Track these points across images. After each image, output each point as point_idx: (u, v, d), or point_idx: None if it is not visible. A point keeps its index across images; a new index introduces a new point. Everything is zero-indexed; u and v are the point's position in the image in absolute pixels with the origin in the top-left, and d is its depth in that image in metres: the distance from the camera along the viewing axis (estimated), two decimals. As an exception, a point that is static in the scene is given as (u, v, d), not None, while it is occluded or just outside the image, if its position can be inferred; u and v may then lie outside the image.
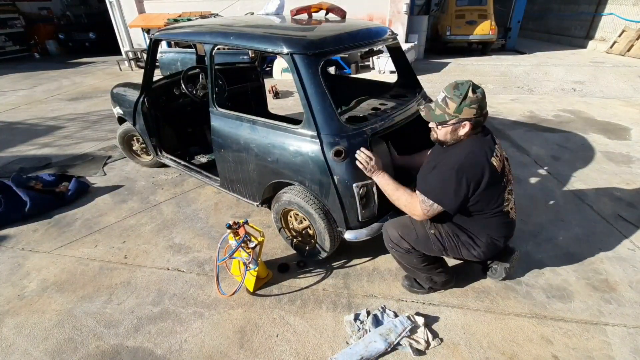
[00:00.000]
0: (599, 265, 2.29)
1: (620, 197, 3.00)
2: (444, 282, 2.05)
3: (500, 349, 1.77)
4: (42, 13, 12.69)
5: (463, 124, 1.60)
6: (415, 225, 1.85)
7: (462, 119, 1.59)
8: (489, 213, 1.72)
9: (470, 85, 1.56)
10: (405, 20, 8.36)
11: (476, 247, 1.80)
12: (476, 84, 1.59)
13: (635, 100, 5.63)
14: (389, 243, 1.94)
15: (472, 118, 1.58)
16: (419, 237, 1.83)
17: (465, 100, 1.55)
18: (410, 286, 2.12)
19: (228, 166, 2.49)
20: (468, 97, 1.55)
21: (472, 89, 1.56)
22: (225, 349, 1.81)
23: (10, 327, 1.96)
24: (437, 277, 2.01)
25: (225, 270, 2.30)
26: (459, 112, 1.57)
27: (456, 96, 1.57)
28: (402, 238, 1.86)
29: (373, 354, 1.71)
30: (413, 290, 2.11)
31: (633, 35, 9.15)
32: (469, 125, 1.60)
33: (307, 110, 1.94)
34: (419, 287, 2.10)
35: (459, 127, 1.62)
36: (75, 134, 4.81)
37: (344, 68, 7.60)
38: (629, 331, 1.84)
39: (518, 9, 10.59)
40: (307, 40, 1.99)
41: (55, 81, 8.10)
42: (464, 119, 1.59)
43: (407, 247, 1.87)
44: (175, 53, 6.16)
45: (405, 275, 2.17)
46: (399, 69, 2.80)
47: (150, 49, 2.83)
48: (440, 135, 1.70)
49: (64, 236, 2.73)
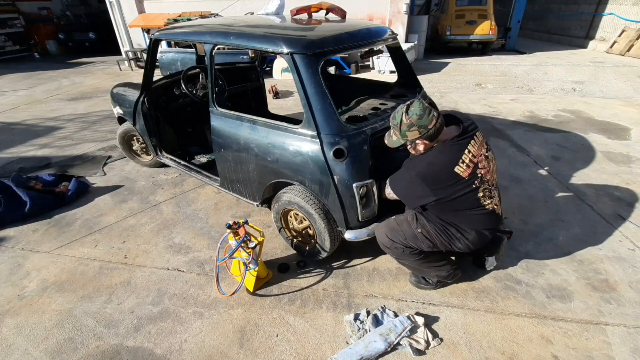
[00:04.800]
0: (599, 265, 2.29)
1: (620, 197, 3.00)
2: (449, 275, 2.05)
3: (500, 348, 1.77)
4: (42, 13, 12.67)
5: (417, 143, 1.71)
6: (402, 227, 1.89)
7: (412, 140, 1.70)
8: (470, 212, 1.78)
9: (402, 112, 1.67)
10: (405, 20, 8.36)
11: (465, 239, 1.83)
12: (411, 104, 1.67)
13: (635, 100, 5.63)
14: (382, 246, 1.99)
15: (420, 137, 1.66)
16: (407, 238, 1.88)
17: (402, 126, 1.67)
18: (418, 282, 2.14)
19: (228, 166, 2.49)
20: (403, 124, 1.66)
21: (404, 114, 1.66)
22: (225, 349, 1.81)
23: (10, 327, 1.96)
24: (441, 271, 2.01)
25: (225, 270, 2.29)
26: (405, 137, 1.70)
27: (395, 126, 1.71)
28: (392, 240, 1.91)
29: (373, 354, 1.71)
30: (420, 287, 2.13)
31: (633, 35, 9.15)
32: (422, 144, 1.70)
33: (307, 110, 1.94)
34: (426, 283, 2.12)
35: (416, 145, 1.73)
36: (75, 134, 4.81)
37: (344, 68, 7.60)
38: (628, 331, 1.84)
39: (518, 9, 10.59)
40: (307, 40, 1.99)
41: (55, 81, 8.10)
42: (412, 140, 1.70)
43: (400, 248, 1.90)
44: (175, 53, 6.15)
45: (412, 272, 2.19)
46: (399, 69, 2.80)
47: (150, 49, 2.83)
48: (411, 151, 1.83)
49: (64, 236, 2.73)
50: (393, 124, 1.72)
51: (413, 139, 1.69)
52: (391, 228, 1.93)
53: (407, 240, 1.88)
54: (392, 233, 1.91)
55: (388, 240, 1.92)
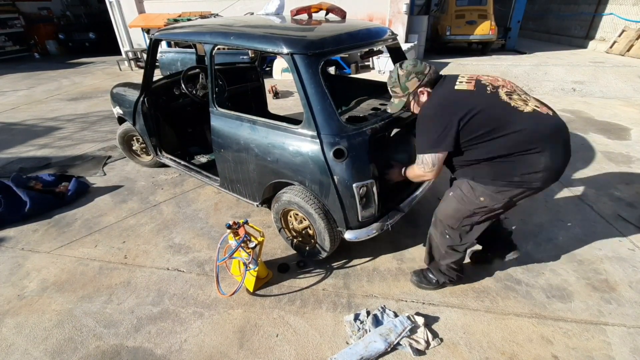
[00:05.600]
0: (599, 265, 2.29)
1: (620, 197, 3.00)
2: (457, 275, 2.05)
3: (500, 348, 1.77)
4: (42, 13, 12.68)
5: (419, 93, 1.74)
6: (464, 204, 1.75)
7: (413, 90, 1.73)
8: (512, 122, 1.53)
9: (397, 68, 1.76)
10: (405, 20, 8.35)
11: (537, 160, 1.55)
12: (401, 62, 1.77)
13: (635, 100, 5.63)
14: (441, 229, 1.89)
15: (420, 84, 1.71)
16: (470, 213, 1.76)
17: (400, 79, 1.74)
18: (419, 282, 2.14)
19: (228, 166, 2.49)
20: (400, 77, 1.74)
21: (399, 68, 1.75)
22: (225, 349, 1.81)
23: (10, 327, 1.96)
24: (456, 266, 2.00)
25: (225, 270, 2.30)
26: (406, 89, 1.74)
27: (394, 84, 1.78)
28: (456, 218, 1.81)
29: (373, 354, 1.71)
30: (421, 287, 2.13)
31: (633, 35, 9.15)
32: (425, 91, 1.73)
33: (307, 110, 1.94)
34: (427, 283, 2.11)
35: (418, 97, 1.76)
36: (74, 134, 4.81)
37: (344, 68, 7.60)
38: (628, 331, 1.85)
39: (518, 9, 10.59)
40: (307, 40, 1.99)
41: (54, 81, 8.10)
42: (415, 90, 1.73)
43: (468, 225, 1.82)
44: (175, 53, 6.16)
45: (414, 272, 2.20)
46: (399, 69, 2.80)
47: (150, 49, 2.83)
48: (415, 110, 1.83)
49: (64, 236, 2.73)
50: (391, 83, 1.78)
51: (414, 89, 1.72)
52: (456, 208, 1.79)
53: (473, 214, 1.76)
54: (455, 212, 1.80)
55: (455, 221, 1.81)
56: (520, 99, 1.62)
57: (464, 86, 1.64)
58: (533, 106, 1.60)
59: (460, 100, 1.60)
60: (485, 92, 1.61)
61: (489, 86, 1.63)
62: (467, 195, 1.74)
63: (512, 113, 1.55)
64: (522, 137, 1.53)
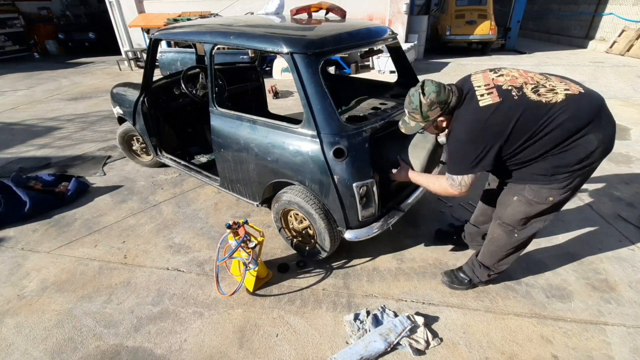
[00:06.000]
0: (598, 265, 2.29)
1: (620, 197, 3.00)
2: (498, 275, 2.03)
3: (500, 348, 1.77)
4: (42, 13, 12.66)
5: (439, 121, 1.67)
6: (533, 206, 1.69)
7: (434, 119, 1.65)
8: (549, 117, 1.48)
9: (419, 93, 1.61)
10: (405, 20, 8.35)
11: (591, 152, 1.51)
12: (424, 84, 1.63)
13: (635, 100, 5.63)
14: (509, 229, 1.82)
15: (442, 113, 1.62)
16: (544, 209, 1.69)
17: (423, 108, 1.61)
18: (451, 283, 2.14)
19: (228, 166, 2.49)
20: (423, 105, 1.61)
21: (422, 95, 1.60)
22: (225, 349, 1.81)
23: (10, 327, 1.96)
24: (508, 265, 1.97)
25: (225, 270, 2.29)
26: (427, 118, 1.64)
27: (414, 110, 1.65)
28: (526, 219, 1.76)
29: (373, 354, 1.71)
30: (453, 287, 2.13)
31: (633, 35, 9.15)
32: (444, 120, 1.66)
33: (307, 109, 1.94)
34: (459, 283, 2.12)
35: (438, 124, 1.69)
36: (74, 134, 4.81)
37: (344, 68, 7.60)
38: (628, 331, 1.85)
39: (518, 9, 10.59)
40: (307, 39, 1.99)
41: (54, 81, 8.09)
42: (435, 119, 1.65)
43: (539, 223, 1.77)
44: (175, 53, 6.16)
45: (445, 272, 2.20)
46: (399, 68, 2.80)
47: (150, 49, 2.83)
48: (431, 132, 1.78)
49: (64, 236, 2.72)
50: (411, 109, 1.65)
51: (434, 118, 1.64)
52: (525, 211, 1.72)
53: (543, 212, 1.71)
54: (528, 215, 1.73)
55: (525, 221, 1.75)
56: (547, 90, 1.53)
57: (488, 101, 1.53)
58: (563, 92, 1.51)
59: (492, 119, 1.51)
60: (512, 98, 1.51)
61: (512, 90, 1.53)
62: (534, 199, 1.66)
63: (547, 110, 1.48)
64: (565, 128, 1.48)
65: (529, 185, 1.66)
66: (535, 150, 1.54)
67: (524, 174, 1.65)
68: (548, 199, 1.64)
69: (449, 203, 2.91)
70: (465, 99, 1.61)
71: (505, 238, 1.85)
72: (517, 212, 1.74)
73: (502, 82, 1.57)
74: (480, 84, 1.60)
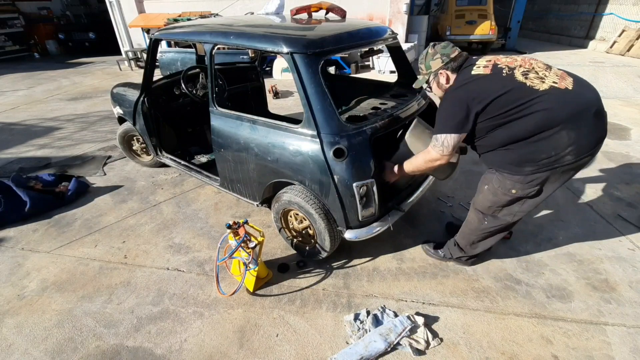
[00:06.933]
0: (598, 265, 2.29)
1: (620, 197, 3.00)
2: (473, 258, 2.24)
3: (500, 348, 1.77)
4: (42, 13, 12.67)
5: (440, 74, 1.80)
6: (498, 196, 1.81)
7: (435, 70, 1.80)
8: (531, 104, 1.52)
9: (429, 46, 1.84)
10: (405, 20, 8.35)
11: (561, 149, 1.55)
12: (435, 42, 1.85)
13: (635, 100, 5.63)
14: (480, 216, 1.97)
15: (442, 66, 1.77)
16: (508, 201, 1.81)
17: (427, 57, 1.82)
18: (428, 250, 2.36)
19: (228, 166, 2.49)
20: (428, 54, 1.82)
21: (430, 47, 1.83)
22: (225, 349, 1.81)
23: (10, 327, 1.96)
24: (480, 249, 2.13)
25: (225, 270, 2.29)
26: (429, 67, 1.83)
27: (421, 60, 1.86)
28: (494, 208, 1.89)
29: (373, 354, 1.71)
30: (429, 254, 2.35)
31: (633, 35, 9.14)
32: (445, 74, 1.78)
33: (307, 109, 1.94)
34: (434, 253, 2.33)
35: (439, 78, 1.81)
36: (74, 134, 4.81)
37: (344, 68, 7.60)
38: (628, 331, 1.85)
39: (518, 9, 10.58)
40: (307, 39, 1.99)
41: (54, 81, 8.09)
42: (436, 70, 1.80)
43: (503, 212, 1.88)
44: (175, 53, 6.15)
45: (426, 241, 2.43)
46: (399, 68, 2.80)
47: (150, 49, 2.83)
48: (435, 91, 1.90)
49: (64, 236, 2.72)
50: (420, 60, 1.86)
51: (436, 69, 1.79)
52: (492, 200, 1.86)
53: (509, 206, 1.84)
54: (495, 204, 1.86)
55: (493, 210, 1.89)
56: (537, 77, 1.58)
57: (480, 70, 1.67)
58: (550, 83, 1.55)
59: (476, 86, 1.64)
60: (500, 74, 1.62)
61: (505, 68, 1.64)
62: (498, 188, 1.79)
63: (528, 94, 1.54)
64: (539, 117, 1.52)
65: (497, 174, 1.79)
66: (509, 135, 1.62)
67: (494, 157, 1.76)
68: (511, 191, 1.75)
69: (449, 203, 2.91)
70: (466, 64, 1.76)
71: (476, 223, 2.01)
72: (485, 200, 1.90)
73: (502, 62, 1.69)
74: (484, 60, 1.74)
